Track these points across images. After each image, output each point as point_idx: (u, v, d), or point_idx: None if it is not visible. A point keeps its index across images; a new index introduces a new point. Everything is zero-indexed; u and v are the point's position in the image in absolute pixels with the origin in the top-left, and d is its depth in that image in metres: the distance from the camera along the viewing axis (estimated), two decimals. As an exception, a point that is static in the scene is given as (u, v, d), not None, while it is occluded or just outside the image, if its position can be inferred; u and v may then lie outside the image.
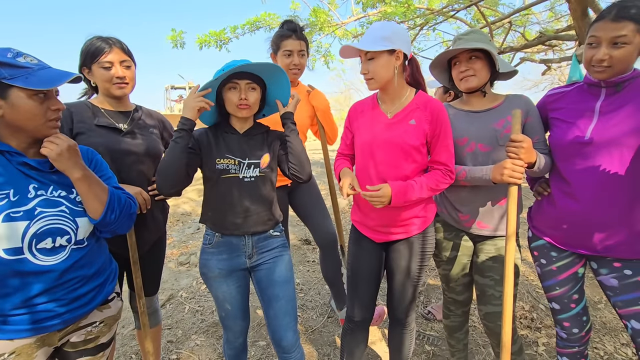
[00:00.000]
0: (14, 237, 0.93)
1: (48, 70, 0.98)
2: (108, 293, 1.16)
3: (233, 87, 1.33)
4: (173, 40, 5.10)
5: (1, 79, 0.92)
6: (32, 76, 0.94)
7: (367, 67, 1.37)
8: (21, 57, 0.96)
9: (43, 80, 0.94)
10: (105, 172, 1.19)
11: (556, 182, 1.38)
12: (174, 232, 4.38)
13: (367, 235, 1.52)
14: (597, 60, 1.18)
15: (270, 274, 1.44)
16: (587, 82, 1.30)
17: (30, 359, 1.00)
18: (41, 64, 0.99)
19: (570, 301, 1.40)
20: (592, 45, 1.20)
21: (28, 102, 0.95)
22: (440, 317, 2.39)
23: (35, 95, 0.96)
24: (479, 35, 1.44)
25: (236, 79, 1.33)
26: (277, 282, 1.43)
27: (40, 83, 0.93)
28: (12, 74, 0.92)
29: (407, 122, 1.39)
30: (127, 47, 1.47)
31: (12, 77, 0.92)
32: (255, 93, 1.37)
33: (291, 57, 1.89)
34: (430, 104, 1.39)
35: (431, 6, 5.26)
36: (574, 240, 1.34)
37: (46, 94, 0.99)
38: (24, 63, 0.95)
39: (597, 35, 1.17)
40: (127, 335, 2.32)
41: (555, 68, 7.91)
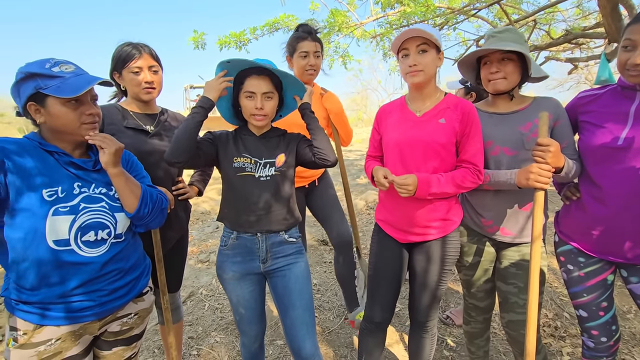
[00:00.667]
0: (62, 230, 1.02)
1: (78, 78, 1.04)
2: (142, 286, 1.24)
3: (249, 95, 1.34)
4: (195, 42, 5.22)
5: (38, 89, 1.00)
6: (63, 85, 1.01)
7: (419, 59, 1.33)
8: (57, 67, 1.04)
9: (71, 88, 1.01)
10: (139, 172, 1.28)
11: (586, 187, 1.34)
12: (194, 231, 4.48)
13: (391, 234, 1.51)
14: (632, 64, 1.14)
15: (286, 281, 1.43)
16: (621, 85, 1.26)
17: (73, 345, 1.08)
18: (75, 72, 1.05)
19: (598, 309, 1.36)
20: (627, 48, 1.16)
21: (62, 108, 1.04)
22: (459, 322, 2.35)
23: (68, 102, 1.04)
24: (514, 35, 1.38)
25: (254, 83, 1.33)
26: (293, 290, 1.42)
27: (67, 91, 1.00)
28: (47, 83, 1.00)
29: (436, 120, 1.38)
30: (156, 53, 1.52)
31: (47, 87, 1.00)
32: (272, 102, 1.38)
33: (307, 58, 1.92)
34: (460, 104, 1.38)
35: (452, 5, 5.18)
36: (604, 247, 1.30)
37: (79, 100, 1.06)
38: (58, 72, 1.02)
39: (633, 39, 1.13)
40: (150, 330, 2.40)
41: (582, 67, 7.63)
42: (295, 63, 1.97)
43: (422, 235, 1.44)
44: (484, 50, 1.38)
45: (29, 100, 1.03)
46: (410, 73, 1.36)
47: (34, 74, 1.01)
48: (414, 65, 1.34)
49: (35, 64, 1.03)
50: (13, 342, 1.02)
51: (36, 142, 1.07)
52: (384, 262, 1.54)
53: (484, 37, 6.18)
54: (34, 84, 1.00)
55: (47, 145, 1.07)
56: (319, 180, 2.12)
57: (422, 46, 1.33)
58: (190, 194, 1.68)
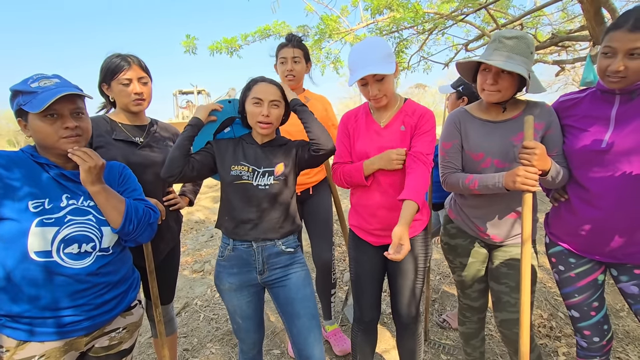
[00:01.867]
0: (45, 241, 1.01)
1: (48, 92, 1.03)
2: (131, 300, 1.22)
3: (257, 102, 1.36)
4: (186, 46, 5.23)
5: (20, 106, 1.03)
6: (34, 100, 1.02)
7: (379, 88, 1.38)
8: (36, 82, 1.05)
9: (37, 102, 1.01)
10: (130, 185, 1.26)
11: (574, 189, 1.36)
12: (188, 240, 4.44)
13: (366, 239, 1.56)
14: (613, 71, 1.16)
15: (287, 291, 1.42)
16: (600, 89, 1.28)
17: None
18: (49, 87, 1.04)
19: (590, 309, 1.37)
20: (607, 54, 1.17)
21: (39, 123, 1.04)
22: (455, 325, 2.35)
23: (44, 117, 1.04)
24: (521, 45, 1.30)
25: (262, 90, 1.36)
26: (296, 299, 1.41)
27: (34, 106, 1.01)
28: (25, 100, 1.03)
29: (398, 128, 1.45)
30: (145, 64, 1.52)
31: (25, 103, 1.02)
32: (278, 110, 1.39)
33: (285, 64, 1.98)
34: (418, 110, 1.46)
35: (440, 10, 5.25)
36: (593, 247, 1.32)
37: (57, 114, 1.05)
38: (35, 88, 1.03)
39: (613, 46, 1.15)
40: (144, 343, 2.36)
41: (569, 69, 7.77)
42: (278, 69, 2.05)
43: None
44: (485, 61, 1.32)
45: (17, 116, 1.06)
46: (375, 101, 1.43)
47: (17, 91, 1.04)
48: (376, 94, 1.39)
49: (20, 82, 1.06)
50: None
51: (29, 154, 1.08)
52: (363, 266, 1.59)
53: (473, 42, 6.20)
54: (17, 101, 1.04)
55: (38, 158, 1.08)
56: (314, 189, 2.10)
57: (377, 75, 1.37)
58: (181, 205, 1.67)
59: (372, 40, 1.42)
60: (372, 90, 1.39)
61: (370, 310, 1.60)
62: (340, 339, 2.23)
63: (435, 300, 2.76)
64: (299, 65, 1.99)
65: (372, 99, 1.42)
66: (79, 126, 1.09)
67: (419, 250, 1.51)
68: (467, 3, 4.71)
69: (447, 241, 1.68)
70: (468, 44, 6.18)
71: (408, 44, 6.21)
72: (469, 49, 6.19)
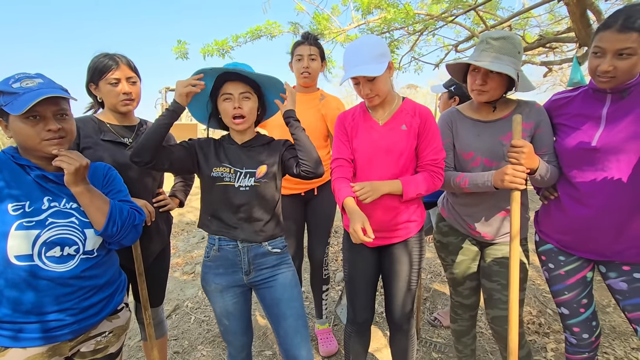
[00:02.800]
0: (25, 244, 0.98)
1: (30, 94, 1.00)
2: (117, 303, 1.19)
3: (227, 97, 1.34)
4: (178, 52, 5.17)
5: (1, 107, 0.99)
6: (15, 101, 0.98)
7: (370, 87, 1.36)
8: (18, 83, 1.01)
9: (18, 104, 0.98)
10: (115, 187, 1.23)
11: (564, 187, 1.37)
12: (178, 242, 4.39)
13: None
14: (602, 70, 1.17)
15: (273, 292, 1.40)
16: (592, 88, 1.30)
17: None
18: (31, 88, 1.01)
19: (579, 306, 1.39)
20: (596, 54, 1.19)
21: (21, 125, 1.01)
22: (446, 323, 2.37)
23: (26, 119, 1.01)
24: (509, 45, 1.32)
25: (230, 86, 1.33)
26: (282, 300, 1.39)
27: (15, 108, 0.97)
28: (6, 100, 0.99)
29: (399, 127, 1.42)
30: (134, 64, 1.49)
31: (6, 104, 0.99)
32: (250, 102, 1.36)
33: (301, 61, 1.99)
34: (418, 109, 1.44)
35: (430, 12, 5.30)
36: (583, 245, 1.34)
37: (39, 116, 1.02)
38: (17, 89, 1.00)
39: (602, 46, 1.16)
40: (133, 346, 2.32)
41: (556, 70, 7.91)
42: (294, 67, 2.06)
43: (389, 239, 1.48)
44: (473, 62, 1.34)
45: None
46: (368, 100, 1.42)
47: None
48: (368, 93, 1.38)
49: (1, 81, 1.02)
50: None
51: (9, 155, 1.05)
52: (356, 268, 1.56)
53: (463, 42, 6.27)
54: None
55: (19, 159, 1.05)
56: (319, 190, 2.10)
57: (369, 76, 1.34)
58: (171, 206, 1.65)
59: (365, 39, 1.41)
60: (363, 89, 1.38)
61: (364, 312, 1.59)
62: (328, 340, 2.23)
63: (427, 299, 2.78)
64: (314, 62, 2.01)
65: (364, 98, 1.42)
66: (63, 128, 1.06)
67: (414, 252, 1.50)
68: (457, 4, 4.77)
69: (440, 239, 1.69)
70: (458, 45, 6.25)
71: (399, 44, 6.25)
72: (459, 50, 6.25)
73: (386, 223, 1.45)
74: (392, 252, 1.50)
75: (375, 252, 1.55)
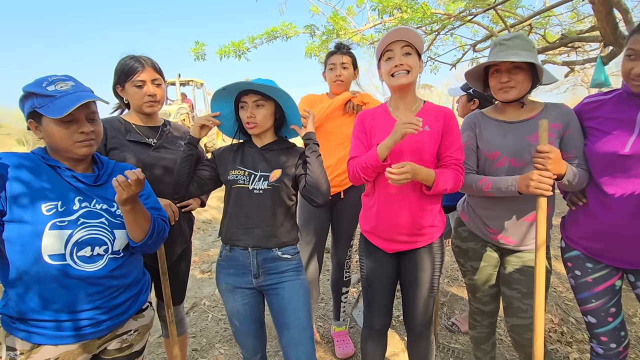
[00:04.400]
0: (58, 244, 1.01)
1: (67, 97, 1.02)
2: (142, 303, 1.22)
3: (242, 106, 1.39)
4: (195, 53, 5.25)
5: (34, 108, 1.01)
6: (52, 105, 1.01)
7: (405, 60, 1.35)
8: (52, 85, 1.03)
9: (57, 108, 1.00)
10: (144, 192, 1.25)
11: (593, 193, 1.34)
12: (195, 240, 4.46)
13: (379, 245, 1.51)
14: (636, 74, 1.15)
15: (280, 299, 1.39)
16: (626, 91, 1.26)
17: None
18: (69, 91, 1.04)
19: (607, 315, 1.35)
20: (630, 57, 1.16)
21: (55, 127, 1.03)
22: (464, 329, 2.33)
23: (60, 121, 1.03)
24: (522, 42, 1.35)
25: (245, 96, 1.37)
26: (287, 309, 1.39)
27: (54, 111, 0.99)
28: (41, 103, 1.01)
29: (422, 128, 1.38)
30: (159, 66, 1.53)
31: (40, 106, 1.01)
32: (263, 109, 1.38)
33: (334, 70, 2.05)
34: (441, 111, 1.43)
35: (448, 11, 5.22)
36: (612, 253, 1.30)
37: (73, 119, 1.04)
38: (52, 91, 1.02)
39: (636, 49, 1.14)
40: (153, 343, 2.37)
41: (578, 70, 7.68)
42: (327, 75, 2.12)
43: (409, 244, 1.45)
44: (494, 61, 1.35)
45: (29, 118, 1.05)
46: (395, 73, 1.36)
47: (31, 93, 1.02)
48: (400, 64, 1.35)
49: (33, 83, 1.04)
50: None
51: (40, 156, 1.07)
52: (375, 274, 1.54)
53: (481, 42, 6.16)
54: (30, 102, 1.02)
55: (49, 160, 1.07)
56: (346, 193, 2.10)
57: (406, 48, 1.36)
58: (193, 206, 1.68)
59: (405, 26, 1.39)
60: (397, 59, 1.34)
61: (381, 318, 1.56)
62: (345, 342, 2.23)
63: (444, 304, 2.74)
64: (347, 71, 2.06)
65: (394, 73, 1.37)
66: (93, 130, 1.09)
67: (436, 258, 1.47)
68: (476, 3, 4.69)
69: (458, 244, 1.66)
70: (476, 45, 6.14)
71: (415, 44, 6.17)
72: (477, 50, 6.14)
73: (410, 226, 1.43)
74: (412, 258, 1.47)
75: (393, 258, 1.53)
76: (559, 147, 1.35)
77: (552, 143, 1.31)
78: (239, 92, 1.39)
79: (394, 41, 1.36)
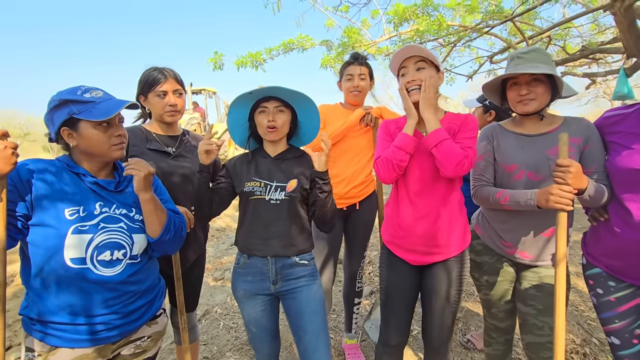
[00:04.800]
0: (80, 247, 1.04)
1: (107, 102, 1.09)
2: (157, 309, 1.24)
3: (262, 110, 1.40)
4: (214, 63, 5.40)
5: (72, 115, 1.05)
6: (94, 109, 1.06)
7: (417, 75, 1.36)
8: (88, 93, 1.09)
9: (102, 111, 1.06)
10: (164, 196, 1.30)
11: (615, 210, 1.29)
12: (209, 248, 4.51)
13: (402, 256, 1.48)
14: None
15: (297, 304, 1.41)
16: None
17: None
18: (104, 97, 1.11)
19: (632, 336, 1.29)
20: None
21: (93, 131, 1.09)
22: (480, 346, 2.26)
23: (99, 125, 1.09)
24: (540, 55, 1.34)
25: (266, 102, 1.39)
26: (304, 313, 1.40)
27: (99, 114, 1.05)
28: (80, 109, 1.06)
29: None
30: (180, 77, 1.58)
31: (80, 112, 1.06)
32: (284, 115, 1.41)
33: (351, 80, 2.05)
34: (460, 117, 1.42)
35: (464, 23, 5.21)
36: (635, 271, 1.24)
37: (109, 123, 1.11)
38: (89, 98, 1.08)
39: None
40: (165, 349, 2.39)
41: (600, 82, 7.50)
42: (343, 86, 2.12)
43: (436, 255, 1.42)
44: (512, 73, 1.34)
45: (63, 126, 1.08)
46: (410, 89, 1.37)
47: (67, 100, 1.06)
48: (413, 80, 1.36)
49: (67, 92, 1.09)
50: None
51: (64, 163, 1.12)
52: (395, 287, 1.51)
53: (498, 54, 6.09)
54: (67, 110, 1.06)
55: (74, 167, 1.12)
56: (361, 205, 2.09)
57: (419, 63, 1.37)
58: (208, 213, 1.70)
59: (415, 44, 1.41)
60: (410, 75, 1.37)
61: (398, 334, 1.52)
62: (356, 355, 2.19)
63: (459, 319, 2.66)
64: (364, 82, 2.06)
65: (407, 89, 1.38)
66: (125, 134, 1.16)
67: (458, 272, 1.43)
68: (493, 15, 4.67)
69: (473, 258, 1.63)
70: (493, 56, 6.09)
71: (431, 56, 6.16)
72: (494, 61, 6.09)
73: (430, 236, 1.40)
74: (435, 271, 1.44)
75: (415, 271, 1.50)
76: (579, 161, 1.32)
77: (572, 157, 1.28)
78: (260, 98, 1.41)
79: (408, 57, 1.37)
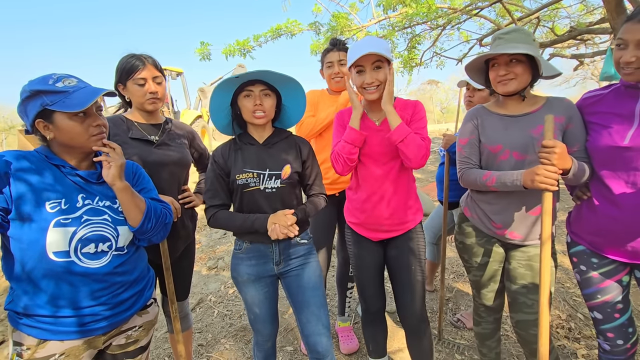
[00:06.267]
0: (63, 241, 1.02)
1: (82, 91, 1.03)
2: (147, 299, 1.23)
3: (247, 94, 1.36)
4: (201, 53, 5.28)
5: (45, 106, 1.00)
6: (67, 99, 1.00)
7: (375, 76, 1.41)
8: (60, 82, 1.03)
9: (76, 102, 1.00)
10: (146, 185, 1.27)
11: (596, 188, 1.32)
12: (202, 237, 4.50)
13: (364, 235, 1.59)
14: (625, 62, 1.15)
15: (299, 280, 1.46)
16: (624, 84, 1.25)
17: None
18: (78, 86, 1.04)
19: (614, 310, 1.33)
20: (620, 46, 1.17)
21: (70, 123, 1.03)
22: (470, 325, 2.32)
23: (75, 116, 1.03)
24: (521, 35, 1.36)
25: (251, 86, 1.36)
26: (307, 288, 1.46)
27: (74, 105, 1.00)
28: (53, 99, 1.00)
29: None
30: (159, 64, 1.54)
31: (53, 103, 1.00)
32: (270, 99, 1.39)
33: (331, 67, 2.05)
34: (409, 103, 1.52)
35: (453, 5, 5.16)
36: (617, 247, 1.27)
37: (86, 113, 1.05)
38: (62, 87, 1.01)
39: (624, 38, 1.15)
40: (160, 337, 2.41)
41: (588, 63, 7.55)
42: (324, 73, 2.12)
43: (392, 232, 1.54)
44: (490, 54, 1.36)
45: (37, 118, 1.03)
46: (367, 90, 1.44)
47: (38, 91, 1.00)
48: (371, 82, 1.41)
49: (38, 81, 1.02)
50: (17, 357, 1.02)
51: (43, 155, 1.07)
52: (363, 260, 1.62)
53: (487, 37, 6.10)
54: (39, 101, 1.00)
55: (53, 159, 1.07)
56: None
57: (377, 63, 1.41)
58: (196, 202, 1.69)
59: (373, 37, 1.48)
60: (366, 77, 1.41)
61: (375, 300, 1.65)
62: (349, 337, 2.24)
63: (450, 299, 2.72)
64: (344, 67, 2.04)
65: (363, 86, 1.44)
66: (104, 123, 1.11)
67: (419, 242, 1.56)
68: (482, -4, 4.62)
69: (462, 240, 1.65)
70: (482, 39, 6.06)
71: (421, 39, 6.13)
72: (484, 44, 6.06)
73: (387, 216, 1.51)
74: (396, 245, 1.57)
75: (380, 245, 1.61)
76: (561, 140, 1.34)
77: (555, 137, 1.30)
78: (244, 82, 1.37)
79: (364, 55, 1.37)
